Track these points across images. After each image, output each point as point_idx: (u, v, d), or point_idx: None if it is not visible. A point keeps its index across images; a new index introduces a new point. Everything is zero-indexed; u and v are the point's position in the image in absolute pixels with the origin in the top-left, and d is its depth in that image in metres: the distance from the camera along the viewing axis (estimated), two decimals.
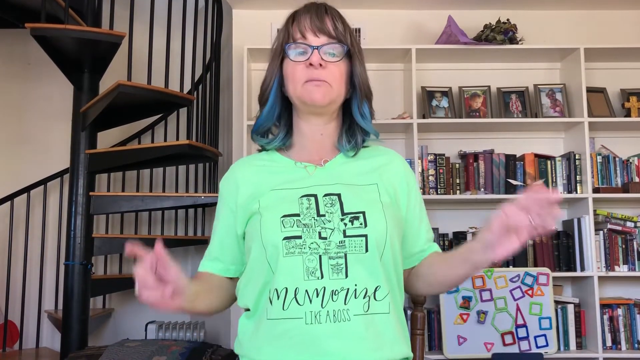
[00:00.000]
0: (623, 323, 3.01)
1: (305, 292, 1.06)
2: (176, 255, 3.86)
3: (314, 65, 1.13)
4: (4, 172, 3.90)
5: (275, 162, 1.22)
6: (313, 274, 1.06)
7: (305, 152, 1.22)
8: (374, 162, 1.23)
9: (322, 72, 1.14)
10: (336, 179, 1.16)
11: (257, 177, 1.19)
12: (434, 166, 3.09)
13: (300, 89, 1.15)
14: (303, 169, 1.18)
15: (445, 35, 3.17)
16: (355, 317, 1.06)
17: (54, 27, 2.74)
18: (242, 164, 1.25)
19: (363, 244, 1.08)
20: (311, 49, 1.14)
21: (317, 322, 1.05)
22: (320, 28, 1.15)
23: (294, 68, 1.16)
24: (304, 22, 1.16)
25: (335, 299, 1.06)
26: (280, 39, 1.20)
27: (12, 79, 4.01)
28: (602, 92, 3.24)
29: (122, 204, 3.02)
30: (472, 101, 3.21)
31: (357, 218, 1.10)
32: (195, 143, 3.01)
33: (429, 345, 2.97)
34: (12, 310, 3.56)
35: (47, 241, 3.68)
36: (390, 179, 1.20)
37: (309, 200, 1.12)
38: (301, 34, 1.16)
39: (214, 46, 3.41)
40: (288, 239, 1.08)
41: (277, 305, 1.07)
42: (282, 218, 1.09)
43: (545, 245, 3.05)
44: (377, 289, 1.09)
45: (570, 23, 3.40)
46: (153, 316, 3.69)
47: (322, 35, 1.15)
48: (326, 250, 1.08)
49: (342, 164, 1.21)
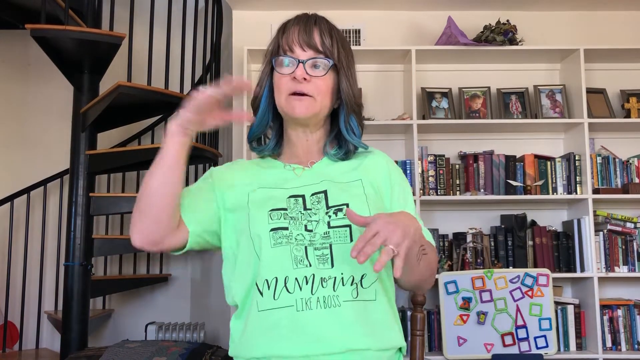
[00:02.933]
0: (623, 324, 3.01)
1: (295, 279, 1.08)
2: (176, 257, 3.86)
3: (297, 79, 1.16)
4: (4, 172, 3.90)
5: (267, 164, 1.26)
6: (301, 262, 1.09)
7: (295, 156, 1.25)
8: (357, 161, 1.25)
9: (306, 86, 1.16)
10: (322, 178, 1.19)
11: (249, 174, 1.23)
12: (434, 167, 3.09)
13: (284, 101, 1.18)
14: (291, 171, 1.22)
15: (445, 36, 3.17)
16: (345, 302, 1.08)
17: (54, 28, 2.75)
18: (239, 162, 1.31)
19: (347, 234, 1.11)
20: (297, 62, 1.16)
21: (308, 308, 1.07)
22: (307, 42, 1.17)
23: (279, 80, 1.18)
24: (292, 35, 1.18)
25: (325, 285, 1.08)
26: (270, 48, 1.23)
27: (12, 79, 4.01)
28: (602, 93, 3.24)
29: (122, 204, 3.02)
30: (472, 102, 3.21)
31: (341, 209, 1.13)
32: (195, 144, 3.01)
33: (429, 346, 2.97)
34: (12, 310, 3.56)
35: (47, 242, 3.68)
36: (373, 174, 1.22)
37: (296, 200, 1.15)
38: (289, 47, 1.18)
39: (214, 47, 3.42)
40: (275, 230, 1.11)
41: (268, 296, 1.09)
42: (270, 211, 1.13)
43: (545, 246, 3.05)
44: (363, 277, 1.11)
45: (570, 24, 3.40)
46: (153, 317, 3.69)
47: (309, 49, 1.17)
48: (311, 241, 1.11)
49: (328, 165, 1.24)
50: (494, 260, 3.05)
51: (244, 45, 3.10)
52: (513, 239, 3.06)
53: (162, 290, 3.83)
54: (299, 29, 1.18)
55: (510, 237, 3.06)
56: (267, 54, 1.23)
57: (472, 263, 3.04)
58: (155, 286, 3.79)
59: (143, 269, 3.77)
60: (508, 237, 3.06)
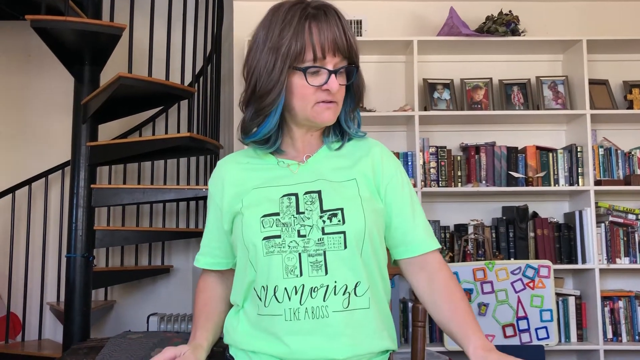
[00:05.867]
0: (624, 315, 3.01)
1: (284, 289, 1.08)
2: (177, 248, 3.87)
3: (331, 91, 1.11)
4: (5, 164, 3.90)
5: (261, 158, 1.21)
6: (292, 272, 1.08)
7: (293, 150, 1.21)
8: (353, 156, 1.21)
9: (335, 95, 1.13)
10: (317, 176, 1.16)
11: (241, 176, 1.19)
12: (436, 158, 3.09)
13: (310, 110, 1.13)
14: (286, 168, 1.19)
15: (447, 27, 3.16)
16: (334, 313, 1.07)
17: (54, 19, 2.73)
18: (228, 162, 1.24)
19: (342, 241, 1.09)
20: (328, 73, 1.11)
21: (296, 319, 1.07)
22: (335, 47, 1.10)
23: (305, 89, 1.11)
24: (322, 37, 1.09)
25: (315, 296, 1.07)
26: (291, 43, 1.09)
27: (12, 71, 4.00)
28: (605, 84, 3.23)
29: (124, 196, 3.02)
30: (474, 93, 3.20)
31: (336, 215, 1.11)
32: (196, 135, 3.00)
33: (430, 337, 2.98)
34: (14, 302, 3.57)
35: (48, 233, 3.68)
36: (368, 172, 1.18)
37: (289, 200, 1.13)
38: (322, 53, 1.09)
39: (215, 38, 3.40)
40: (267, 238, 1.10)
41: (261, 303, 1.11)
42: (262, 218, 1.11)
43: (546, 238, 3.05)
44: (357, 284, 1.10)
45: (572, 15, 3.38)
46: (155, 308, 3.70)
47: (338, 54, 1.11)
48: (305, 248, 1.09)
49: (324, 158, 1.20)
50: (496, 251, 3.05)
51: (245, 36, 3.09)
52: (514, 231, 3.05)
53: (164, 281, 3.84)
54: (329, 31, 1.09)
55: (511, 229, 3.06)
56: (284, 50, 1.09)
57: (474, 255, 3.04)
58: (157, 277, 3.80)
59: (145, 260, 3.77)
60: (509, 229, 3.06)
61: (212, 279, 1.29)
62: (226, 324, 1.22)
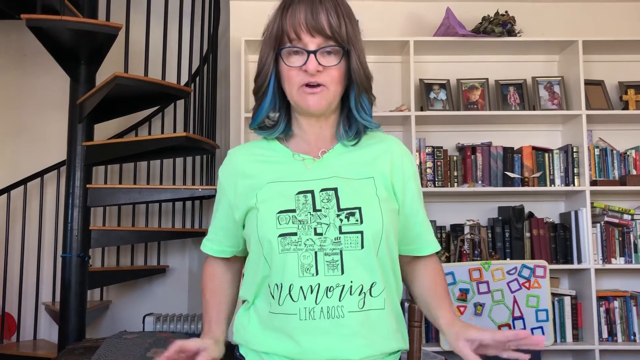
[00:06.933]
0: (619, 315, 3.02)
1: (300, 288, 1.07)
2: (173, 248, 3.86)
3: (310, 72, 1.09)
4: (1, 164, 3.89)
5: (274, 151, 1.19)
6: (308, 270, 1.07)
7: (305, 143, 1.19)
8: (371, 151, 1.19)
9: (320, 76, 1.10)
10: (333, 172, 1.14)
11: (255, 168, 1.17)
12: (432, 159, 3.09)
13: (295, 93, 1.12)
14: (301, 162, 1.16)
15: (443, 27, 3.16)
16: (350, 313, 1.06)
17: (50, 18, 2.73)
18: (240, 152, 1.23)
19: (359, 241, 1.08)
20: (306, 54, 1.09)
21: (311, 318, 1.06)
22: (315, 27, 1.08)
23: (289, 72, 1.11)
24: (299, 18, 1.09)
25: (330, 296, 1.06)
26: (273, 30, 1.13)
27: (7, 70, 3.99)
28: (600, 85, 3.24)
29: (120, 196, 3.02)
30: (470, 93, 3.20)
31: (353, 214, 1.09)
32: (192, 135, 3.00)
33: (426, 337, 2.98)
34: (9, 302, 3.56)
35: (44, 233, 3.67)
36: (387, 170, 1.17)
37: (305, 197, 1.11)
38: (296, 35, 1.09)
39: (211, 38, 3.40)
40: (283, 235, 1.08)
41: (275, 300, 1.09)
42: (278, 214, 1.09)
43: (542, 238, 3.06)
44: (373, 285, 1.09)
45: (568, 15, 3.39)
46: (150, 308, 3.70)
47: (318, 35, 1.09)
48: (322, 246, 1.08)
49: (340, 155, 1.18)
50: (491, 251, 3.06)
51: (242, 36, 3.09)
52: (510, 231, 3.06)
53: (160, 281, 3.83)
54: (304, 11, 1.09)
55: (507, 229, 3.07)
56: (270, 37, 1.13)
57: (470, 255, 3.05)
58: (153, 277, 3.79)
59: (140, 260, 3.77)
60: (505, 229, 3.07)
61: (218, 265, 1.28)
62: (236, 323, 1.20)
